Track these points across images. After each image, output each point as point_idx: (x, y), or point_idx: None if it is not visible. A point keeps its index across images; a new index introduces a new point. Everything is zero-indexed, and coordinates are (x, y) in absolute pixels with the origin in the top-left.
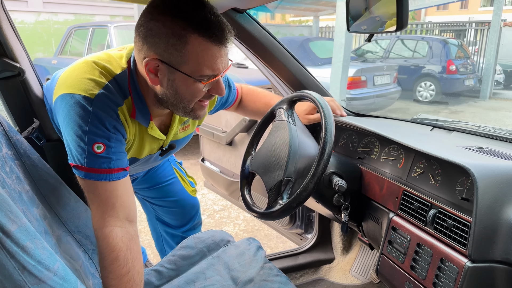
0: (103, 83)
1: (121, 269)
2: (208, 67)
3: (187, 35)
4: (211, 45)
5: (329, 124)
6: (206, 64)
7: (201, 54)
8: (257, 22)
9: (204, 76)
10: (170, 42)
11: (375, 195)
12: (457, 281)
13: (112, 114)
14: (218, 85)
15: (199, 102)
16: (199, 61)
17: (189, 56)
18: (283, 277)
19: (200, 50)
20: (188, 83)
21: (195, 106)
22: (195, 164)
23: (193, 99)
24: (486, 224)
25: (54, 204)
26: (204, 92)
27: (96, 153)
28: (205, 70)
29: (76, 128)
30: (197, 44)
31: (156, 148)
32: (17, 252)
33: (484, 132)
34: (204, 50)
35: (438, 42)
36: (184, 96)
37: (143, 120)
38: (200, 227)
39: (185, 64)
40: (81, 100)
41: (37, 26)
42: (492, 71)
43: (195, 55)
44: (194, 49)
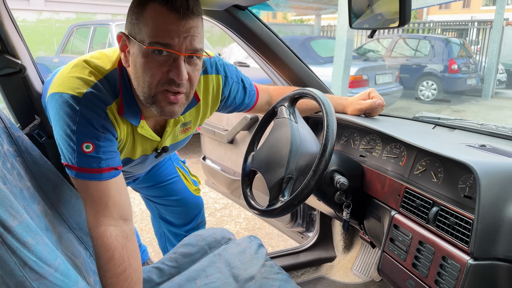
0: (91, 81)
1: (117, 268)
2: (159, 34)
3: (147, 3)
4: (167, 11)
5: (330, 122)
6: (157, 29)
7: (154, 19)
8: (258, 19)
9: (155, 43)
10: (134, 12)
11: (377, 193)
12: (459, 279)
13: (100, 113)
14: (175, 65)
15: (163, 92)
16: (151, 27)
17: (144, 23)
18: (284, 274)
19: (155, 15)
20: (142, 54)
21: (158, 96)
22: (197, 163)
23: (150, 81)
24: (488, 221)
25: (55, 201)
26: (159, 71)
27: (85, 152)
28: (156, 37)
29: (65, 128)
30: (152, 10)
31: (150, 150)
32: (18, 248)
33: (487, 130)
34: (158, 16)
35: (440, 41)
36: (140, 74)
37: (132, 118)
38: (204, 226)
39: (140, 32)
40: (69, 99)
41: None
42: (494, 70)
43: (149, 21)
44: (149, 15)
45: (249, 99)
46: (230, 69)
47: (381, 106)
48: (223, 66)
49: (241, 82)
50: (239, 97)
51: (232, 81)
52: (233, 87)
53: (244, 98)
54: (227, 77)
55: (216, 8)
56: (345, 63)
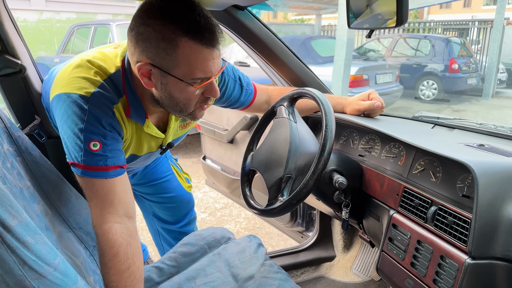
0: (98, 81)
1: (121, 264)
2: (199, 70)
3: (177, 38)
4: (202, 48)
5: (329, 121)
6: (197, 67)
7: (192, 57)
8: (258, 19)
9: (196, 79)
10: (161, 47)
11: (376, 193)
12: (457, 278)
13: (108, 112)
14: (211, 87)
15: (200, 107)
16: (191, 65)
17: (180, 60)
18: (283, 274)
19: (191, 53)
20: (181, 86)
21: (195, 111)
22: (197, 162)
23: (189, 103)
24: (486, 221)
25: (55, 200)
26: (198, 95)
27: (92, 150)
28: (197, 73)
29: (73, 127)
30: (187, 48)
31: (155, 147)
32: (17, 247)
33: (486, 130)
34: (195, 53)
35: (440, 41)
36: (179, 100)
37: (138, 118)
38: (195, 221)
39: (176, 68)
40: (77, 99)
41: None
42: (495, 69)
43: (186, 58)
44: (184, 52)
45: (246, 97)
46: (227, 66)
47: (380, 108)
48: None
49: (238, 80)
50: (236, 94)
51: (229, 77)
52: (230, 84)
53: (240, 96)
54: (223, 73)
55: (215, 8)
56: (345, 62)
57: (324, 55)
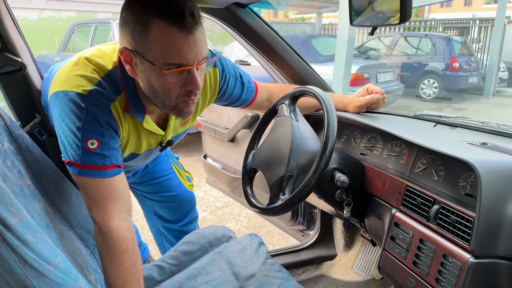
0: (95, 79)
1: (130, 260)
2: (172, 55)
3: (149, 20)
4: (174, 31)
5: (331, 120)
6: (169, 51)
7: (164, 40)
8: (259, 17)
9: (169, 65)
10: (136, 29)
11: (378, 191)
12: (460, 277)
13: (105, 110)
14: (191, 78)
15: (183, 101)
16: (162, 48)
17: (152, 42)
18: (284, 272)
19: (162, 36)
20: (156, 73)
21: (179, 105)
22: (198, 161)
23: (168, 94)
24: (489, 219)
25: (56, 199)
26: (177, 86)
27: (90, 149)
28: (170, 58)
29: (70, 125)
30: (158, 30)
31: (155, 144)
32: (18, 246)
33: (488, 128)
34: (166, 36)
35: (441, 39)
36: (157, 89)
37: (137, 114)
38: (196, 220)
39: (149, 52)
40: (74, 97)
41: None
42: (496, 68)
43: (158, 41)
44: (156, 35)
45: (247, 95)
46: (228, 63)
47: (381, 99)
48: (220, 60)
49: (239, 78)
50: (237, 92)
51: (230, 75)
52: (231, 82)
53: (242, 94)
54: (224, 70)
55: (216, 5)
56: (346, 61)
57: (325, 54)
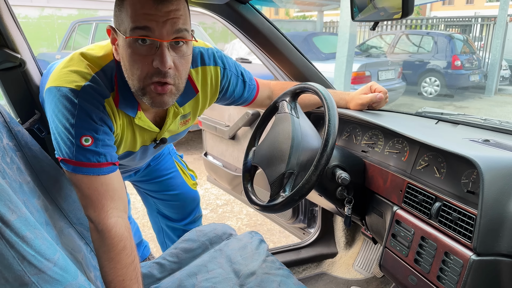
0: (89, 74)
1: (128, 257)
2: (137, 19)
3: None
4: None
5: (332, 116)
6: (136, 15)
7: (132, 6)
8: (260, 13)
9: (135, 29)
10: (116, 4)
11: (379, 188)
12: (461, 275)
13: (98, 106)
14: (158, 53)
15: (152, 84)
16: (129, 15)
17: (124, 12)
18: (285, 270)
19: (133, 2)
20: (126, 45)
21: (147, 89)
22: (198, 159)
23: (136, 72)
24: (491, 217)
25: (56, 195)
26: (144, 62)
27: (84, 146)
28: (134, 22)
29: (64, 121)
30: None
31: (149, 140)
32: (16, 242)
33: (490, 125)
34: (136, 2)
35: (443, 37)
36: (127, 67)
37: (128, 109)
38: (200, 219)
39: (122, 23)
40: (67, 92)
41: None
42: (498, 66)
43: (128, 8)
44: (128, 3)
45: (249, 93)
46: (229, 61)
47: (383, 99)
48: (221, 58)
49: (240, 76)
50: (238, 90)
51: (231, 73)
52: (232, 80)
53: (244, 92)
54: (225, 69)
55: (216, 1)
56: (347, 59)
57: (326, 52)
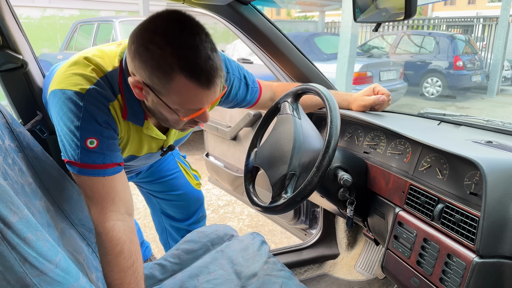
0: (94, 78)
1: (126, 262)
2: (191, 105)
3: (172, 73)
4: (196, 87)
5: (334, 118)
6: (188, 103)
7: (185, 94)
8: (262, 14)
9: (187, 110)
10: (155, 74)
11: (381, 190)
12: (464, 277)
13: (103, 109)
14: (203, 115)
15: (187, 126)
16: (182, 99)
17: (172, 92)
18: (287, 272)
19: (184, 91)
20: (170, 111)
21: (183, 127)
22: (200, 160)
23: (177, 123)
24: (495, 218)
25: (57, 197)
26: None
27: (89, 148)
28: (188, 107)
29: (69, 124)
30: (181, 84)
31: (156, 148)
32: (18, 244)
33: (493, 126)
34: (188, 91)
35: (445, 38)
36: (167, 119)
37: (136, 120)
38: (204, 220)
39: (167, 97)
40: (72, 95)
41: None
42: (500, 67)
43: (179, 93)
44: (178, 88)
45: (251, 95)
46: (232, 65)
47: (386, 101)
48: (224, 62)
49: (243, 79)
50: (241, 93)
51: (234, 77)
52: (235, 83)
53: (246, 95)
54: (228, 73)
55: (218, 2)
56: (349, 59)
57: (327, 52)
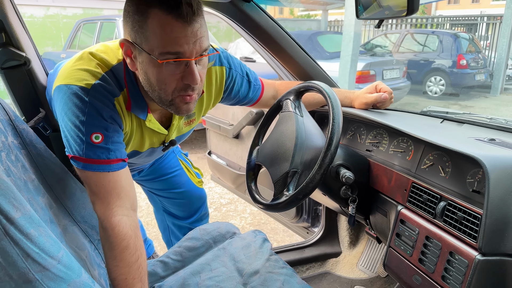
0: (99, 73)
1: (131, 257)
2: (168, 44)
3: (148, 10)
4: (172, 20)
5: (336, 115)
6: (165, 40)
7: (161, 29)
8: (264, 11)
9: (166, 54)
10: (135, 20)
11: (383, 188)
12: (466, 275)
13: (108, 104)
14: (189, 71)
15: (180, 96)
16: (158, 37)
17: (149, 32)
18: (289, 269)
19: (160, 25)
20: (153, 64)
21: (175, 100)
22: (202, 158)
23: (164, 87)
24: (497, 216)
25: (60, 193)
26: (174, 79)
27: (94, 143)
28: (165, 47)
29: (74, 119)
30: (156, 19)
31: (157, 143)
32: (20, 239)
33: (496, 124)
34: (164, 25)
35: (448, 36)
36: (154, 82)
37: (140, 112)
38: (207, 218)
39: (146, 42)
40: (78, 90)
41: (46, 20)
42: (504, 65)
43: (155, 30)
44: (154, 24)
45: (254, 93)
46: (235, 61)
47: (388, 99)
48: (227, 58)
49: (246, 76)
50: (243, 91)
51: (236, 73)
52: (237, 80)
53: (249, 92)
54: (231, 69)
55: (220, 0)
56: (352, 58)
57: (330, 51)
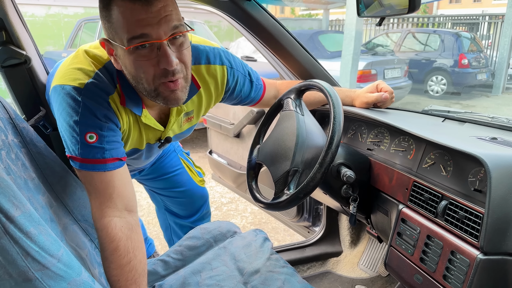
0: (92, 71)
1: (122, 259)
2: (131, 29)
3: (110, 2)
4: (130, 4)
5: (337, 114)
6: (129, 24)
7: (122, 16)
8: (265, 10)
9: (132, 39)
10: (103, 16)
11: (385, 187)
12: (468, 274)
13: (102, 103)
14: (161, 54)
15: (162, 84)
16: (122, 25)
17: (115, 23)
18: (289, 268)
19: (120, 12)
20: (127, 55)
21: (159, 89)
22: (203, 157)
23: (145, 77)
24: (499, 215)
25: (60, 192)
26: (149, 65)
27: (89, 143)
28: (130, 33)
29: (68, 119)
30: (117, 8)
31: (153, 139)
32: (20, 238)
33: (498, 123)
34: (125, 11)
35: (450, 36)
36: (134, 74)
37: (134, 107)
38: (209, 217)
39: (116, 34)
40: (71, 90)
41: (47, 20)
42: (506, 65)
43: (118, 20)
44: (116, 14)
45: (255, 92)
46: (236, 61)
47: (389, 99)
48: (228, 58)
49: (247, 75)
50: (246, 90)
51: (238, 73)
52: (239, 79)
53: (250, 91)
54: (232, 68)
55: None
56: (353, 57)
57: (331, 50)
